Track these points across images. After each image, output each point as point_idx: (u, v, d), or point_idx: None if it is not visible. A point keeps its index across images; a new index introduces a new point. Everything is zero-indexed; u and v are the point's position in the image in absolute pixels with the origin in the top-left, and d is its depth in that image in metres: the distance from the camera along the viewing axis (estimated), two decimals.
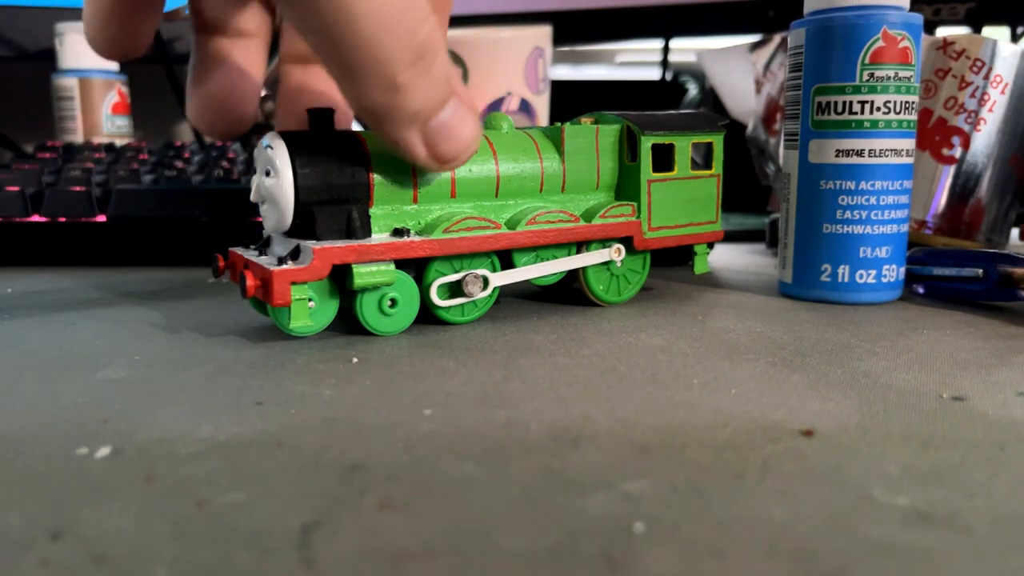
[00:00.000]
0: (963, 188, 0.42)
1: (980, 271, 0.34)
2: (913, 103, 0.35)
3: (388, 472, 0.18)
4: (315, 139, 0.29)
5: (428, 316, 0.31)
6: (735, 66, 0.60)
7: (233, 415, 0.22)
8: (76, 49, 0.59)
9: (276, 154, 0.28)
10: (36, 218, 0.47)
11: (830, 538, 0.15)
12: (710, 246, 0.38)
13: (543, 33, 0.63)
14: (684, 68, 0.87)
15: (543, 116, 0.65)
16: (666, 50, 0.76)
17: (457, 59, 0.61)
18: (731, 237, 0.59)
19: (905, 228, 0.36)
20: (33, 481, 0.17)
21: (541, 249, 0.33)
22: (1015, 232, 0.59)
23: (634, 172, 0.34)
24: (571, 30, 0.70)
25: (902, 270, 0.36)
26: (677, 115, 0.36)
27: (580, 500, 0.17)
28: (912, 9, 0.59)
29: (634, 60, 0.97)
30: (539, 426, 0.21)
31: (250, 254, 0.30)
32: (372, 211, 0.29)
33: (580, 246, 0.34)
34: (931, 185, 0.42)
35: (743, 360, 0.27)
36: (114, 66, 0.61)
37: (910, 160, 0.35)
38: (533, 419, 0.21)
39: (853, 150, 0.35)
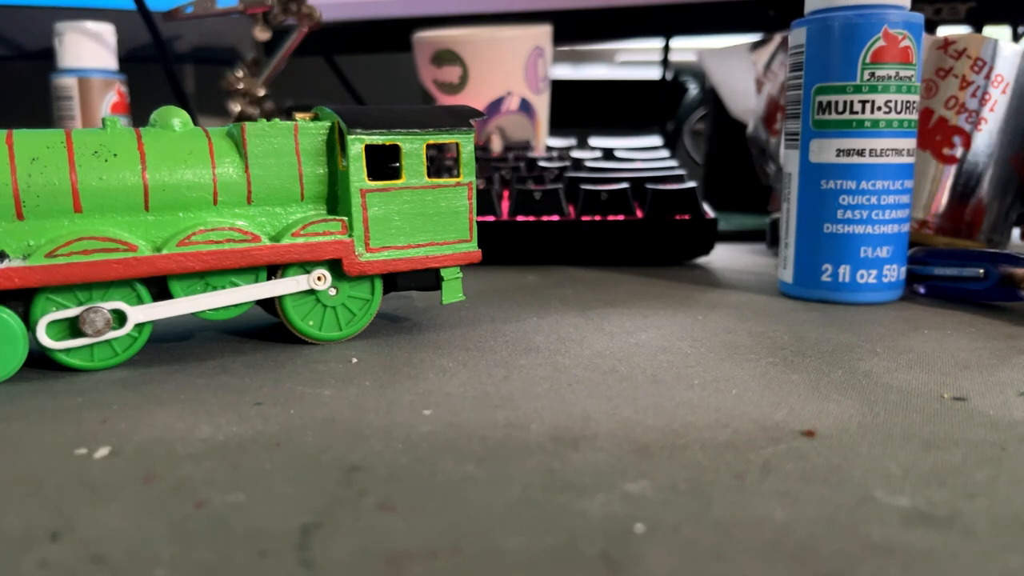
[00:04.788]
0: (964, 188, 0.42)
1: (981, 271, 0.34)
2: (914, 103, 0.35)
3: (388, 472, 0.18)
4: None
5: (429, 320, 0.31)
6: (736, 65, 0.60)
7: (232, 415, 0.22)
8: (75, 49, 0.59)
9: None
10: None
11: (831, 539, 0.15)
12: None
13: (543, 33, 0.63)
14: (684, 68, 0.87)
15: (543, 115, 0.65)
16: (666, 49, 0.76)
17: (457, 58, 0.61)
18: (732, 237, 0.59)
19: (906, 228, 0.36)
20: (32, 481, 0.17)
21: (212, 276, 0.27)
22: (1016, 232, 0.59)
23: (346, 180, 0.28)
24: (571, 30, 0.70)
25: (903, 270, 0.36)
26: (410, 110, 0.30)
27: (580, 500, 0.16)
28: (913, 8, 0.59)
29: (634, 60, 0.97)
30: (539, 426, 0.21)
31: None
32: None
33: (274, 271, 0.28)
34: (932, 185, 0.42)
35: (744, 360, 0.27)
36: (113, 65, 0.61)
37: (911, 160, 0.35)
38: (533, 419, 0.21)
39: (854, 150, 0.35)
